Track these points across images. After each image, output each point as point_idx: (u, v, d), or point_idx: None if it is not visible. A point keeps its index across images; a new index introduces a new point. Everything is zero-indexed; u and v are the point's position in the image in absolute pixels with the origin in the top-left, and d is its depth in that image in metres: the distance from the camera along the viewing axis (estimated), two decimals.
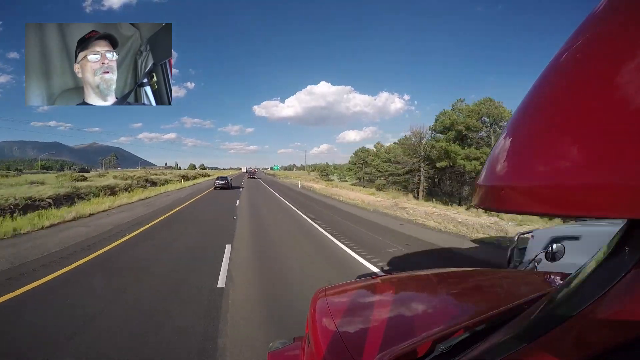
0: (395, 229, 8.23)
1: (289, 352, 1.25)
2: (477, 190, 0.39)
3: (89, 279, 4.26)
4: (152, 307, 3.33)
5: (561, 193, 0.28)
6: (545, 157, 0.30)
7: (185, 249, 5.91)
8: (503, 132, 0.37)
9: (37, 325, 2.93)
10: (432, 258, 5.54)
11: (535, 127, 0.33)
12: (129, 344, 2.61)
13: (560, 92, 0.32)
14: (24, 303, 3.44)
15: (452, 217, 9.66)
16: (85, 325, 2.91)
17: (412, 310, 1.08)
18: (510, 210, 0.33)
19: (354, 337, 0.93)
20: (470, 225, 8.23)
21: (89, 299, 3.55)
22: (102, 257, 5.30)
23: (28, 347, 2.55)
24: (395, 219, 10.20)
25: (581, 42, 0.31)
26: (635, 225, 0.30)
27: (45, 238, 6.69)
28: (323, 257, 5.55)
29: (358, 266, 5.01)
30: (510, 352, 0.41)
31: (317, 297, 1.25)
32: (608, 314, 0.30)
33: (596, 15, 0.31)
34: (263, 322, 3.03)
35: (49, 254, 5.36)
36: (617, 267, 0.30)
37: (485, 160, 0.42)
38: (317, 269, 4.84)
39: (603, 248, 0.35)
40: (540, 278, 1.31)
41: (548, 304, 0.39)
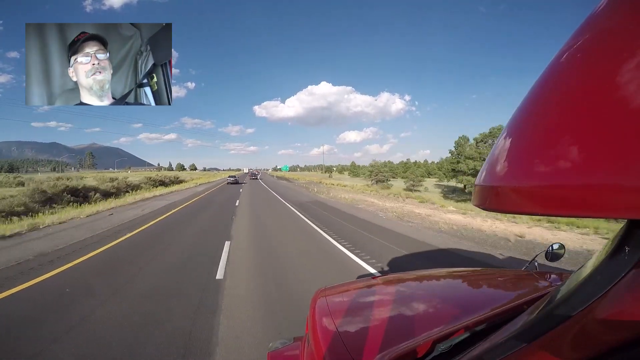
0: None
1: (289, 352, 1.25)
2: (477, 190, 0.38)
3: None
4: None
5: (561, 193, 0.28)
6: (545, 157, 0.30)
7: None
8: (503, 132, 0.37)
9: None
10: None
11: (535, 127, 0.33)
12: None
13: (560, 92, 0.32)
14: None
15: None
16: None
17: (412, 310, 1.08)
18: (509, 211, 0.33)
19: (354, 337, 0.93)
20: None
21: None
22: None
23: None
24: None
25: (581, 42, 0.31)
26: (635, 225, 0.30)
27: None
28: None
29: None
30: (510, 352, 0.41)
31: (316, 297, 1.25)
32: (608, 314, 0.30)
33: (596, 15, 0.31)
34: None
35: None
36: (617, 267, 0.30)
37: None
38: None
39: (603, 248, 0.35)
40: (540, 278, 1.31)
41: (548, 304, 0.39)
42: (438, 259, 5.23)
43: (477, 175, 0.40)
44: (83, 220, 9.48)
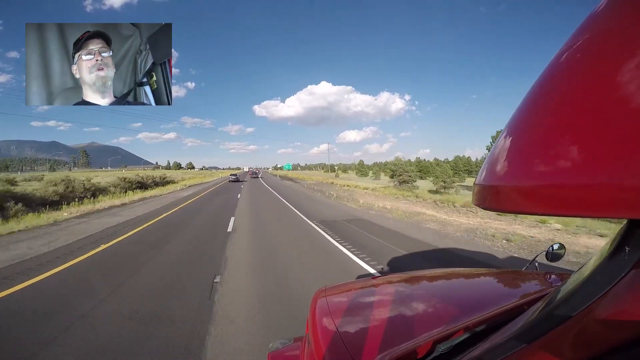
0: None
1: (289, 353, 1.25)
2: (476, 190, 0.38)
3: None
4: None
5: (561, 193, 0.28)
6: (545, 157, 0.30)
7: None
8: (503, 132, 0.37)
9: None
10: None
11: (535, 126, 0.33)
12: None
13: (560, 91, 0.31)
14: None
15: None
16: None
17: (412, 311, 1.08)
18: (509, 210, 0.33)
19: (354, 337, 0.93)
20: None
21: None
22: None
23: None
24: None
25: (581, 42, 0.31)
26: (635, 225, 0.30)
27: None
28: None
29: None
30: (510, 352, 0.41)
31: (317, 297, 1.25)
32: (608, 314, 0.29)
33: (596, 15, 0.31)
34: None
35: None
36: (617, 267, 0.30)
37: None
38: None
39: (603, 248, 0.35)
40: (540, 278, 1.31)
41: (548, 304, 0.39)
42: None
43: (477, 175, 0.40)
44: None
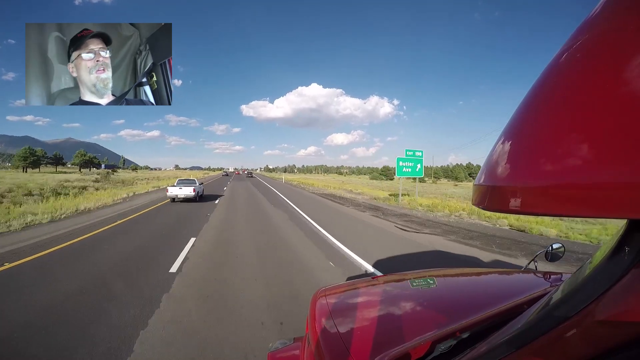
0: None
1: (289, 352, 1.25)
2: (476, 190, 0.38)
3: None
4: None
5: (560, 193, 0.28)
6: (543, 158, 0.30)
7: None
8: (501, 133, 0.37)
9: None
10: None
11: (533, 128, 0.33)
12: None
13: (559, 92, 0.31)
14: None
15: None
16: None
17: (412, 311, 1.08)
18: (508, 211, 0.33)
19: (354, 337, 0.93)
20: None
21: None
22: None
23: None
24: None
25: (581, 42, 0.31)
26: (635, 225, 0.30)
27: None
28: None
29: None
30: (510, 352, 0.41)
31: (317, 298, 1.25)
32: (608, 314, 0.29)
33: (596, 15, 0.31)
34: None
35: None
36: (617, 267, 0.30)
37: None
38: None
39: (603, 248, 0.35)
40: (540, 278, 1.31)
41: (548, 304, 0.39)
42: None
43: (477, 176, 0.40)
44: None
